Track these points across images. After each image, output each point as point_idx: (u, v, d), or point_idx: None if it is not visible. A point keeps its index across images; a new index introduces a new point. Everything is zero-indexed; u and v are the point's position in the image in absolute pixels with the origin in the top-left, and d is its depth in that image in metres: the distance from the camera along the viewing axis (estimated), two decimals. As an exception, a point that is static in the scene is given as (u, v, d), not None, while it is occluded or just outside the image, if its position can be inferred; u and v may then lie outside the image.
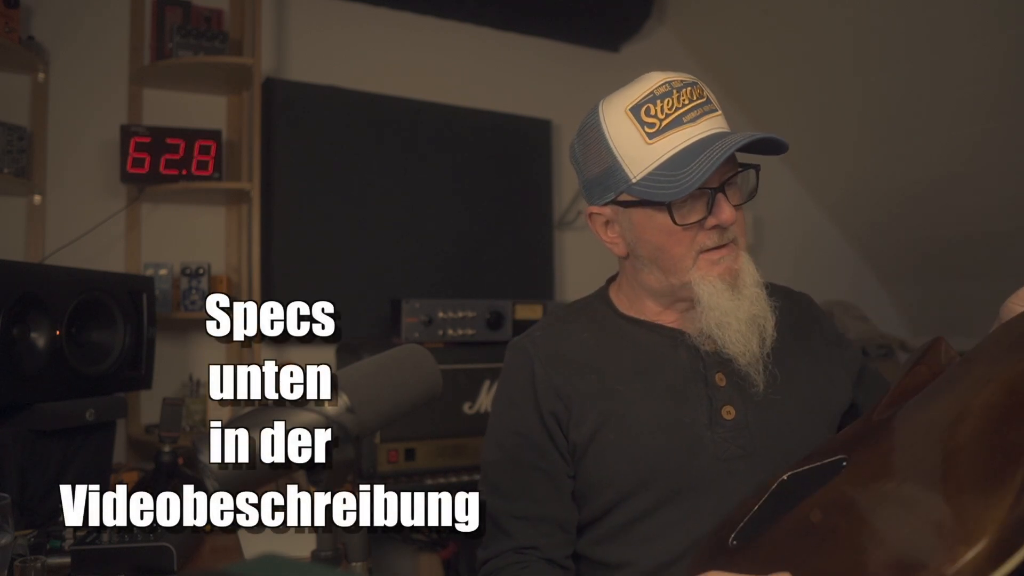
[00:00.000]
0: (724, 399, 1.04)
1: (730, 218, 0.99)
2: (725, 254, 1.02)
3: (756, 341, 1.01)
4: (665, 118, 0.99)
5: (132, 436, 2.17)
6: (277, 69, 2.49)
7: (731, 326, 1.00)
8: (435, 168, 2.62)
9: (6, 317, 1.38)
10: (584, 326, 1.14)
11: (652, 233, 1.03)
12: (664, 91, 1.00)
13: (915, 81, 2.58)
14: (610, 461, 1.04)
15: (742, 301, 1.01)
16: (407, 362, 0.75)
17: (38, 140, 2.13)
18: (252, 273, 2.22)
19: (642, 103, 1.00)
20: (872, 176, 3.06)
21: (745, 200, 1.04)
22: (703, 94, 1.02)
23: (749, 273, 1.03)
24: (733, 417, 1.03)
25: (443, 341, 2.15)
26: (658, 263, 1.05)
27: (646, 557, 1.02)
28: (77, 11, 2.23)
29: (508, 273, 2.72)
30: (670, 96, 0.99)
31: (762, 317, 1.02)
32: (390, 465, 1.97)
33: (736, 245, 1.04)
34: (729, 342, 1.01)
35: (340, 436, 0.65)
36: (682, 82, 1.01)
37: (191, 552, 1.30)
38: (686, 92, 1.00)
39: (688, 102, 1.00)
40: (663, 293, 1.08)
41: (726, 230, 1.01)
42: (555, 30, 2.94)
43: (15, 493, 1.36)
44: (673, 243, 1.02)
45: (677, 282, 1.04)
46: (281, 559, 0.49)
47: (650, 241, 1.04)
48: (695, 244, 1.02)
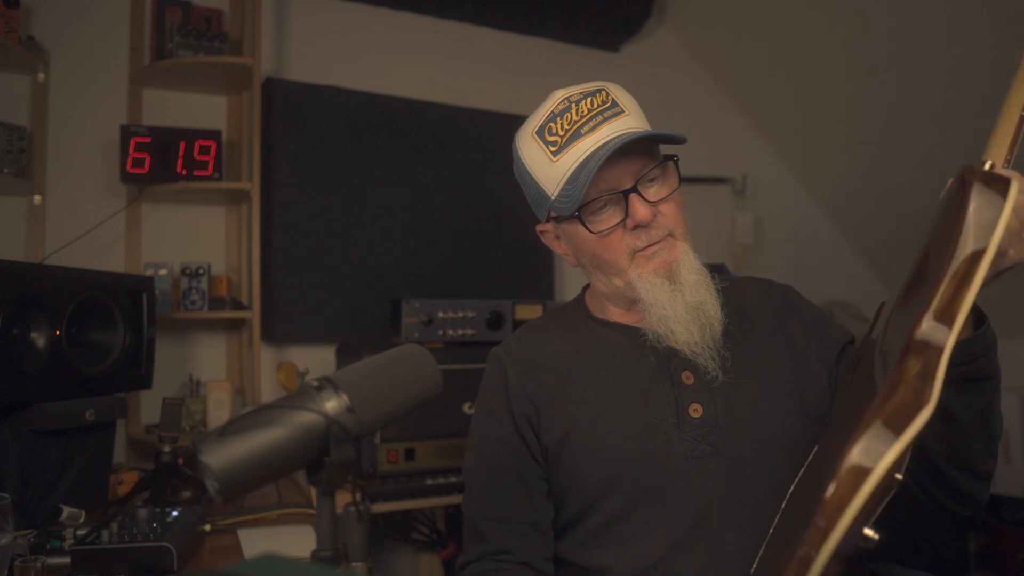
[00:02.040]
0: (691, 397, 1.04)
1: (646, 216, 1.00)
2: (658, 248, 1.03)
3: (698, 328, 1.02)
4: (564, 134, 1.03)
5: (132, 436, 2.17)
6: (277, 69, 2.49)
7: (671, 318, 1.01)
8: (435, 168, 2.62)
9: (6, 317, 1.38)
10: (558, 332, 1.16)
11: (584, 243, 1.07)
12: (563, 107, 1.04)
13: (914, 82, 2.58)
14: (581, 465, 1.05)
15: (681, 291, 1.02)
16: (407, 362, 0.75)
17: (38, 140, 2.13)
18: (252, 273, 2.22)
19: (544, 124, 1.05)
20: (872, 176, 3.06)
21: (669, 194, 1.04)
22: (607, 99, 1.04)
23: (687, 263, 1.04)
24: (701, 415, 1.03)
25: (443, 341, 2.15)
26: (600, 268, 1.08)
27: (625, 560, 1.02)
28: (77, 11, 2.23)
29: (508, 273, 2.72)
30: (569, 111, 1.03)
31: (705, 304, 1.02)
32: (390, 465, 1.97)
33: (673, 238, 1.04)
34: (672, 334, 1.02)
35: (340, 436, 0.65)
36: (582, 93, 1.04)
37: (191, 552, 1.30)
38: (586, 103, 1.03)
39: (588, 111, 1.02)
40: (614, 296, 1.10)
41: (651, 227, 1.02)
42: (555, 30, 2.94)
43: (15, 493, 1.36)
44: (603, 249, 1.05)
45: (621, 283, 1.06)
46: (281, 559, 0.49)
47: (586, 250, 1.08)
48: (625, 246, 1.04)
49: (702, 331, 1.02)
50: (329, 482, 0.65)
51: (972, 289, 0.70)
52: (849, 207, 3.33)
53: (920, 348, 0.69)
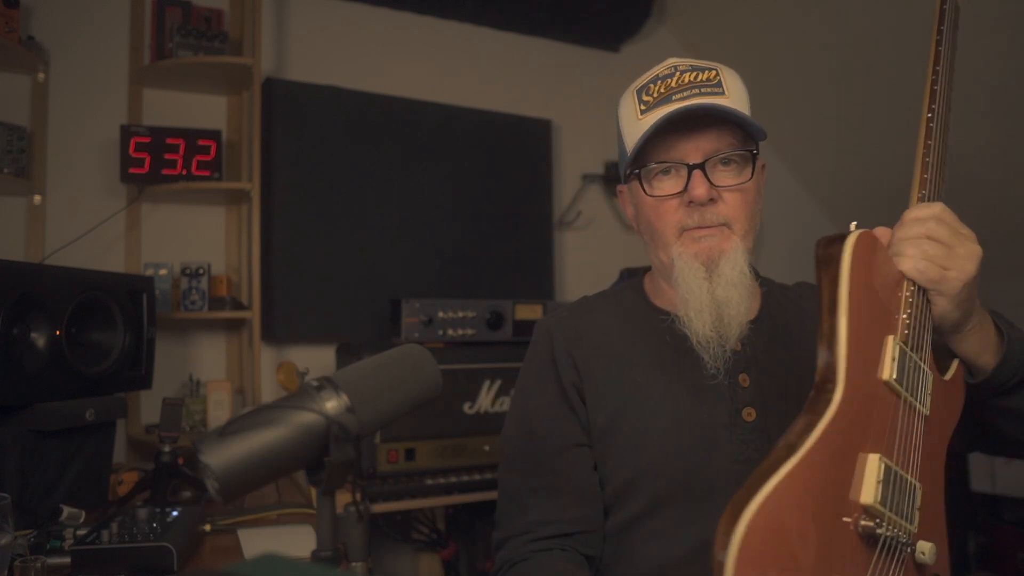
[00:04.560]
0: (746, 400, 1.02)
1: (701, 195, 0.97)
2: (709, 234, 1.00)
3: (712, 323, 0.99)
4: (659, 96, 1.01)
5: (132, 436, 2.17)
6: (277, 69, 2.49)
7: (691, 304, 0.99)
8: (435, 168, 2.62)
9: (6, 317, 1.38)
10: (611, 313, 1.13)
11: (643, 207, 1.05)
12: (667, 72, 1.03)
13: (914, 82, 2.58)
14: (622, 452, 1.03)
15: (713, 283, 0.99)
16: (407, 362, 0.75)
17: (38, 140, 2.13)
18: (252, 273, 2.22)
19: (646, 84, 1.03)
20: (872, 176, 3.06)
21: (737, 184, 1.00)
22: (714, 78, 1.01)
23: (732, 259, 1.00)
24: (753, 419, 1.01)
25: (443, 341, 2.15)
26: (652, 238, 1.05)
27: (652, 554, 1.00)
28: (77, 11, 2.23)
29: (508, 273, 2.72)
30: (672, 77, 1.02)
31: (731, 301, 0.99)
32: (390, 465, 1.97)
33: (728, 229, 1.00)
34: (689, 320, 1.00)
35: (340, 436, 0.65)
36: (692, 66, 1.02)
37: (191, 552, 1.30)
38: (690, 74, 1.01)
39: (689, 81, 1.00)
40: (663, 273, 1.08)
41: (706, 210, 0.99)
42: (555, 30, 2.94)
43: (15, 493, 1.36)
44: (656, 217, 1.03)
45: (667, 259, 1.03)
46: (281, 559, 0.49)
47: (644, 216, 1.06)
48: (677, 221, 1.01)
49: (716, 327, 0.99)
50: (329, 482, 0.65)
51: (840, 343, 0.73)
52: (849, 207, 3.33)
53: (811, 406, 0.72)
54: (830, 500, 0.69)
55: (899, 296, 0.82)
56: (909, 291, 0.82)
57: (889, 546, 0.72)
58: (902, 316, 0.80)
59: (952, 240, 0.83)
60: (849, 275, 0.75)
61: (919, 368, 0.81)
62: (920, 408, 0.80)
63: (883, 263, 0.82)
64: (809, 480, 0.67)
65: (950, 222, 0.84)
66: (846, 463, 0.71)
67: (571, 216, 2.94)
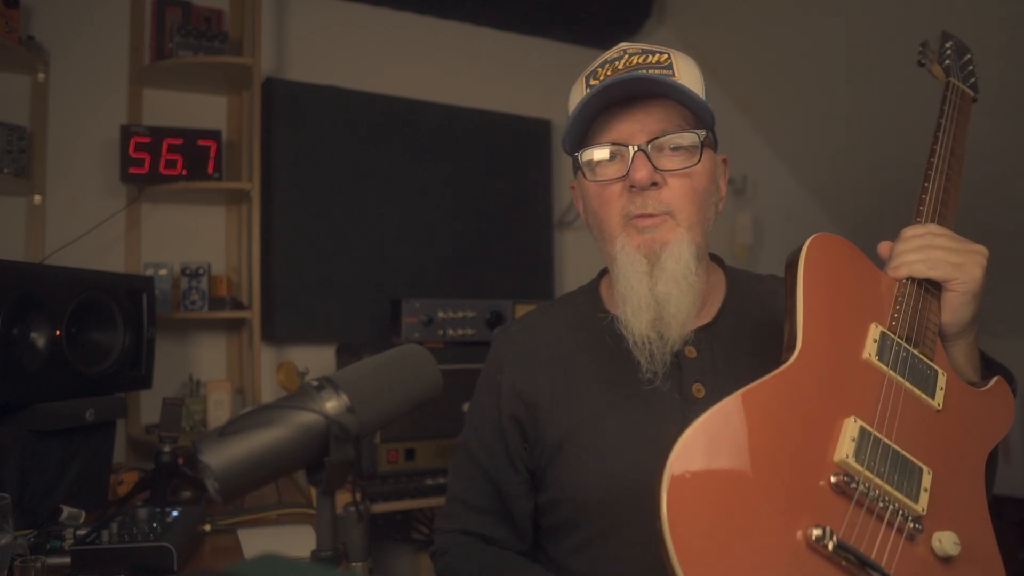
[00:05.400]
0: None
1: (643, 179, 0.90)
2: (653, 224, 0.92)
3: (650, 322, 0.93)
4: (605, 79, 0.94)
5: (132, 436, 2.17)
6: (277, 69, 2.49)
7: (630, 300, 0.93)
8: (435, 168, 2.62)
9: (6, 317, 1.38)
10: (564, 321, 1.08)
11: (588, 198, 1.00)
12: (616, 56, 0.98)
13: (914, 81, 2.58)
14: (576, 473, 0.99)
15: (655, 278, 0.92)
16: (407, 362, 0.75)
17: (38, 140, 2.13)
18: (252, 273, 2.22)
19: (594, 69, 0.99)
20: (872, 176, 3.06)
21: (682, 167, 0.93)
22: (666, 61, 0.95)
23: (676, 252, 0.92)
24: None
25: (443, 341, 2.15)
26: (600, 231, 0.99)
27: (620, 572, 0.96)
28: (77, 11, 2.23)
29: (508, 273, 2.72)
30: (620, 60, 0.96)
31: (670, 298, 0.92)
32: (390, 465, 1.97)
33: (673, 219, 0.93)
34: (627, 318, 0.94)
35: (340, 436, 0.65)
36: (643, 49, 0.97)
37: (191, 552, 1.30)
38: (639, 57, 0.95)
39: (637, 63, 0.94)
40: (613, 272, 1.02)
41: (648, 194, 0.92)
42: (555, 30, 2.94)
43: (15, 493, 1.36)
44: (600, 205, 0.96)
45: (612, 250, 0.96)
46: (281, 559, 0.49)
47: (590, 208, 1.00)
48: (621, 208, 0.94)
49: (655, 326, 0.93)
50: (329, 482, 0.65)
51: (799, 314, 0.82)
52: (849, 207, 3.33)
53: None
54: (787, 451, 0.73)
55: (890, 297, 0.88)
56: (901, 293, 0.88)
57: (870, 506, 0.72)
58: (891, 311, 0.87)
59: (955, 243, 0.87)
60: (805, 262, 0.84)
61: (915, 358, 0.84)
62: (922, 397, 0.82)
63: (856, 261, 0.90)
64: (755, 418, 0.74)
65: (949, 233, 0.89)
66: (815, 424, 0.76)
67: (571, 216, 2.93)
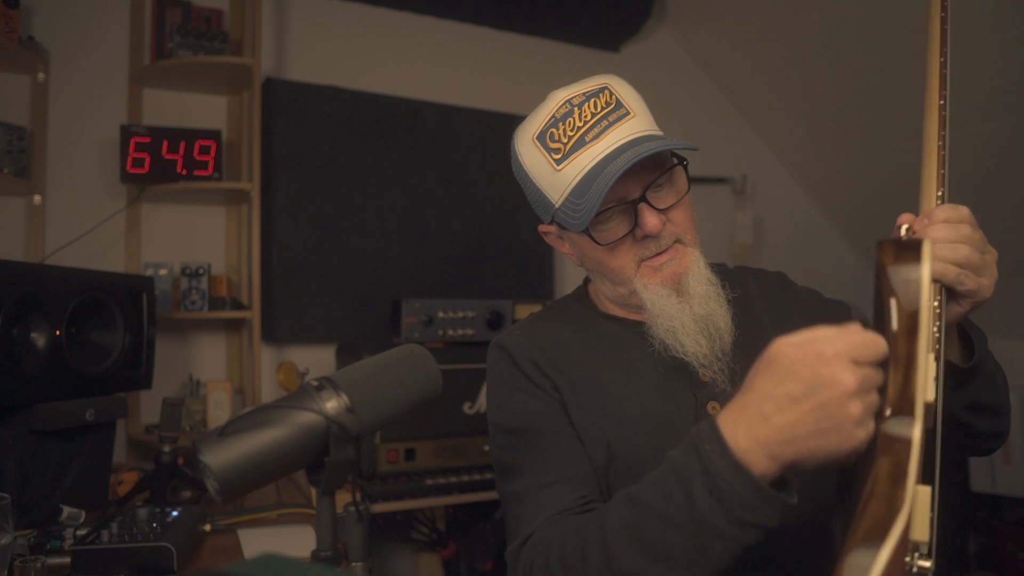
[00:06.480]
0: (709, 395, 1.01)
1: (655, 227, 0.96)
2: (667, 259, 1.00)
3: (706, 341, 0.98)
4: (568, 141, 0.98)
5: (132, 436, 2.17)
6: (277, 69, 2.49)
7: (679, 329, 0.98)
8: (435, 168, 2.62)
9: (6, 317, 1.38)
10: (564, 324, 1.11)
11: (590, 251, 1.03)
12: (564, 112, 0.99)
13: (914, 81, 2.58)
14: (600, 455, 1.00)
15: (690, 303, 0.99)
16: (407, 362, 0.75)
17: (38, 140, 2.13)
18: (252, 273, 2.22)
19: (545, 129, 1.00)
20: (872, 176, 3.06)
21: (678, 200, 1.00)
22: (611, 99, 0.99)
23: (696, 273, 1.00)
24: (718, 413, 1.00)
25: (443, 341, 2.15)
26: (604, 276, 1.04)
27: None
28: (77, 11, 2.23)
29: (508, 273, 2.72)
30: (571, 116, 0.99)
31: (714, 315, 0.99)
32: (390, 465, 1.97)
33: (681, 244, 1.01)
34: (681, 345, 0.98)
35: (340, 436, 0.65)
36: (584, 95, 1.00)
37: (191, 552, 1.30)
38: (589, 106, 0.98)
39: (591, 116, 0.98)
40: (618, 301, 1.07)
41: (660, 236, 0.98)
42: (555, 30, 2.94)
43: (15, 493, 1.36)
44: (610, 258, 1.01)
45: (625, 291, 1.03)
46: (281, 559, 0.49)
47: (591, 257, 1.04)
48: (633, 255, 1.00)
49: (711, 343, 0.99)
50: (329, 482, 0.65)
51: (919, 369, 0.67)
52: (849, 207, 3.33)
53: (887, 445, 0.67)
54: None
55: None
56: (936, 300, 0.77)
57: None
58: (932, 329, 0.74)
59: (984, 247, 0.82)
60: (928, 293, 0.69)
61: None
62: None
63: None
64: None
65: (976, 228, 0.82)
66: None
67: (571, 216, 2.93)
